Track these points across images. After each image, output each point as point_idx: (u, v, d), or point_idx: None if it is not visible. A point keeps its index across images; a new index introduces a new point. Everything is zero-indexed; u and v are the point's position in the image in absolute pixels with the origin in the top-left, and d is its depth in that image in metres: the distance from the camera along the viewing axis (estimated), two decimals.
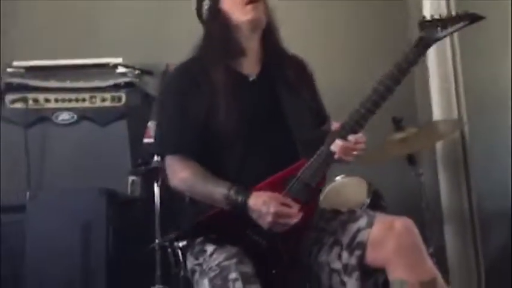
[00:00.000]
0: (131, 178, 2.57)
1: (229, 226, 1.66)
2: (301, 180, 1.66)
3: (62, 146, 2.66)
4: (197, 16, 1.90)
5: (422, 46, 1.61)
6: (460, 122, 2.83)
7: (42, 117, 2.71)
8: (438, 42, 1.63)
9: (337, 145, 1.62)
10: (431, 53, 2.87)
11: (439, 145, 2.94)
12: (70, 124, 2.70)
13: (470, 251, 2.87)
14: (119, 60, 2.82)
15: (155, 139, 1.93)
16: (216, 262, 1.62)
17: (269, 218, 1.59)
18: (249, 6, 1.76)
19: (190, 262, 1.75)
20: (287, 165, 1.68)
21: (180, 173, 1.74)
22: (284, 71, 1.83)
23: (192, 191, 1.76)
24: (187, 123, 1.75)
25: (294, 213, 1.61)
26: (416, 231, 1.59)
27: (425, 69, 2.90)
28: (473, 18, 1.59)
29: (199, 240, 1.73)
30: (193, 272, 1.73)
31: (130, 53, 2.91)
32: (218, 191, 1.66)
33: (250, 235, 1.64)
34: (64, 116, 2.71)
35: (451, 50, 2.91)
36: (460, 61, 2.94)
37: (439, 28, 1.60)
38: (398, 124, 2.49)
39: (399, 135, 2.48)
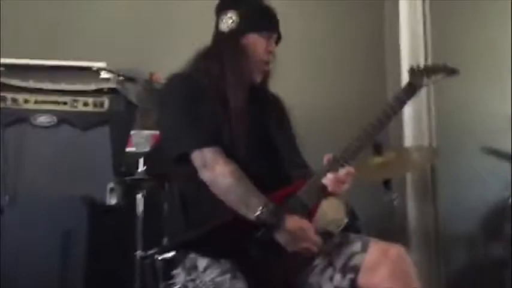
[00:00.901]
0: (110, 186, 2.54)
1: (231, 238, 1.65)
2: (299, 199, 1.70)
3: (40, 149, 2.57)
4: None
5: (412, 91, 1.79)
6: (435, 152, 2.94)
7: (21, 118, 2.61)
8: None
9: (328, 179, 1.68)
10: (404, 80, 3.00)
11: None
12: (49, 127, 2.62)
13: (435, 272, 3.00)
14: (103, 64, 2.77)
15: (169, 140, 1.78)
16: (210, 277, 1.63)
17: (305, 244, 1.63)
18: (268, 58, 1.86)
19: (182, 278, 1.73)
20: (280, 186, 1.72)
21: (223, 167, 1.67)
22: (268, 105, 1.91)
23: (226, 191, 1.66)
24: (206, 120, 1.72)
25: (319, 242, 1.66)
26: (409, 259, 1.66)
27: None
28: (449, 72, 1.84)
29: (190, 254, 1.72)
30: None
31: (112, 58, 2.85)
32: (254, 201, 1.63)
33: (252, 250, 1.64)
34: (43, 119, 2.63)
35: None
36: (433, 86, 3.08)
37: (424, 77, 1.80)
38: (378, 149, 2.54)
39: (379, 160, 2.54)
